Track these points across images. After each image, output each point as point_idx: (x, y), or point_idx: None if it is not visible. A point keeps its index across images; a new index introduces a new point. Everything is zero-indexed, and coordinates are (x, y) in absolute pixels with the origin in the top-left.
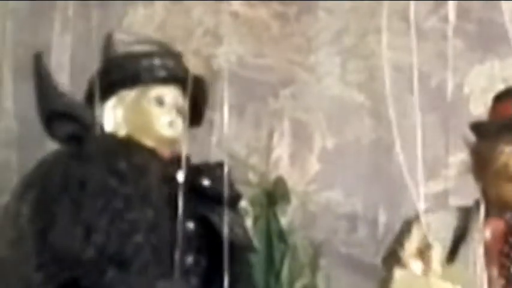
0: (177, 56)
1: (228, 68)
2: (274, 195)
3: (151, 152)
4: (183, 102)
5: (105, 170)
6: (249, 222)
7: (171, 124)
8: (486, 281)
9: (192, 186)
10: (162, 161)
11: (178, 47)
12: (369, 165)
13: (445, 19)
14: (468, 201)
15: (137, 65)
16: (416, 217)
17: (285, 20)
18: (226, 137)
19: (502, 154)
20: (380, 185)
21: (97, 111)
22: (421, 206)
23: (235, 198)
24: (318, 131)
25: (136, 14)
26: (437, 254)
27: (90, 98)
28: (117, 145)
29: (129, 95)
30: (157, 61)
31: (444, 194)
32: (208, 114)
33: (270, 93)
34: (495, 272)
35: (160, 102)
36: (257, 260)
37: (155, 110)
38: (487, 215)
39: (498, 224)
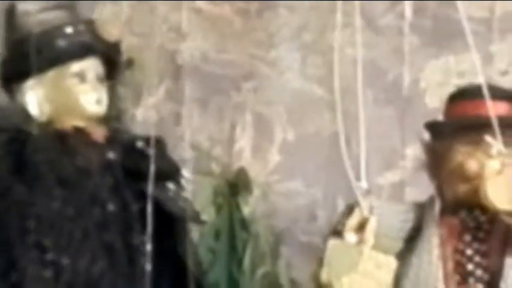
0: (89, 24)
1: (191, 62)
2: (236, 186)
3: (85, 138)
4: (103, 70)
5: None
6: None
7: (98, 101)
8: (442, 277)
9: (129, 167)
10: (97, 145)
11: (144, 43)
12: (328, 156)
13: (401, 16)
14: (425, 192)
15: (53, 47)
16: (358, 202)
17: (247, 16)
18: (190, 129)
19: (458, 154)
20: (339, 176)
21: (17, 95)
22: (363, 185)
23: (174, 172)
24: (279, 123)
25: (104, 11)
26: (372, 226)
27: (5, 80)
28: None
29: (48, 74)
30: (73, 38)
31: (401, 185)
32: (174, 107)
33: (233, 87)
34: (450, 268)
35: (82, 78)
36: (220, 248)
37: (78, 88)
38: (442, 212)
39: (453, 222)
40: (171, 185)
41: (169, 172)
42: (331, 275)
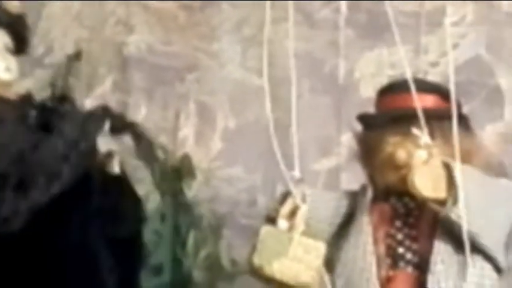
0: None
1: (138, 54)
2: (180, 172)
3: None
4: (10, 40)
5: None
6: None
7: (7, 69)
8: (374, 260)
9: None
10: (11, 102)
11: (93, 36)
12: (268, 144)
13: (337, 10)
14: (359, 177)
15: None
16: (291, 191)
17: (191, 11)
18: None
19: (388, 144)
20: (278, 163)
21: None
22: (295, 175)
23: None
24: (221, 112)
25: (54, 5)
26: (303, 214)
27: None
28: None
29: None
30: None
31: (336, 170)
32: (121, 97)
33: (177, 77)
34: (382, 252)
35: None
36: (165, 231)
37: None
38: (374, 199)
39: (384, 209)
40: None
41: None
42: (263, 259)
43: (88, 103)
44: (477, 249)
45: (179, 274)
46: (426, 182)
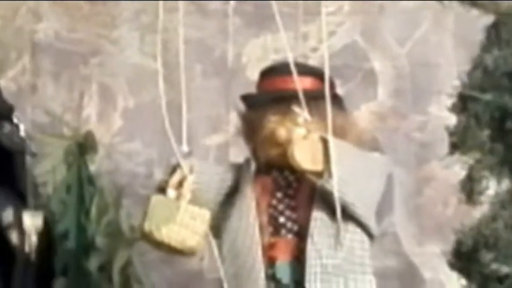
0: None
1: (46, 41)
2: (84, 147)
3: None
4: None
5: None
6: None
7: None
8: (258, 228)
9: None
10: None
11: (5, 24)
12: (163, 121)
13: (226, 1)
14: (246, 152)
15: None
16: (180, 163)
17: (94, 2)
18: (45, 98)
19: (269, 123)
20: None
21: None
22: (184, 149)
23: (8, 111)
24: (121, 93)
25: None
26: (189, 184)
27: None
28: None
29: None
30: None
31: (225, 146)
32: (31, 79)
33: (81, 61)
34: (265, 221)
35: None
36: (70, 201)
37: None
38: (257, 172)
39: (267, 181)
40: (5, 124)
41: (3, 112)
42: (152, 225)
43: (2, 83)
44: (351, 217)
45: (83, 240)
46: (305, 155)
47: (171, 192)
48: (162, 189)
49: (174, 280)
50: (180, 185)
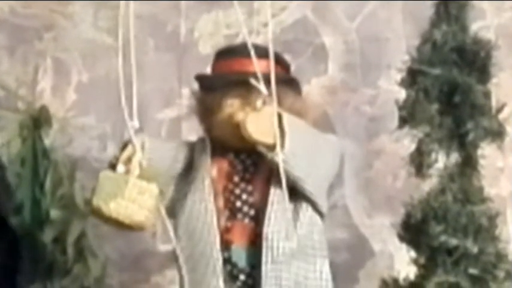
0: None
1: (1, 16)
2: (39, 120)
3: None
4: None
5: None
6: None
7: None
8: (214, 212)
9: None
10: None
11: None
12: (117, 96)
13: None
14: (198, 127)
15: None
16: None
17: None
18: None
19: (227, 106)
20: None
21: None
22: (135, 125)
23: None
24: (75, 67)
25: None
26: (138, 159)
27: None
28: None
29: None
30: None
31: (178, 120)
32: None
33: (36, 36)
34: (221, 204)
35: None
36: (25, 174)
37: None
38: (213, 153)
39: (223, 164)
40: None
41: None
42: (100, 200)
43: None
44: (304, 196)
45: (38, 212)
46: (257, 127)
47: (121, 168)
48: (113, 166)
49: (128, 252)
50: (129, 160)
